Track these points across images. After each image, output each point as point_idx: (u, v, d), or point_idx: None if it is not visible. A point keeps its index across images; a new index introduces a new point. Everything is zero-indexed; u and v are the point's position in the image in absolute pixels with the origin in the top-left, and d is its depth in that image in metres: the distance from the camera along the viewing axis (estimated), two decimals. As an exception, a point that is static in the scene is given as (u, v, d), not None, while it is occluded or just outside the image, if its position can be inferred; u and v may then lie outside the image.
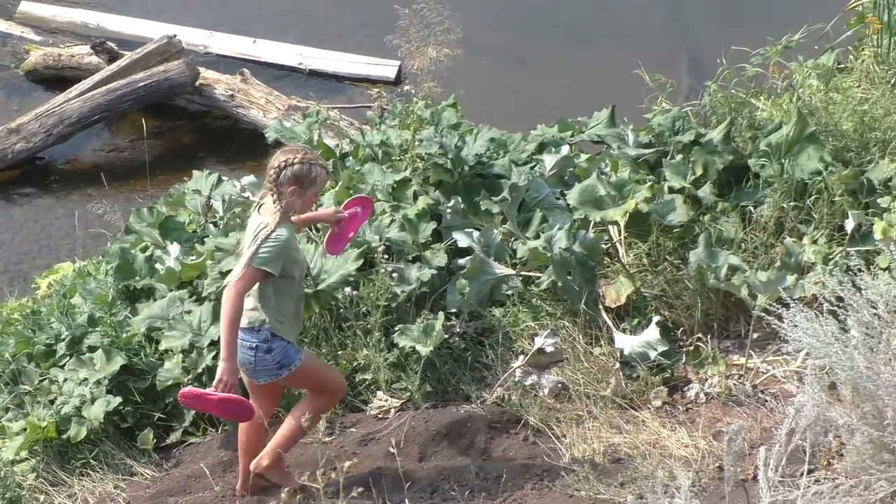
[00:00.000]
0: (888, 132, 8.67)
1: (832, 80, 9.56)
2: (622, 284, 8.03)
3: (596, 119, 9.40)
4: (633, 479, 6.60)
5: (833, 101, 9.00)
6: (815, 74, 9.53)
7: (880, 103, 8.91)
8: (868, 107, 8.89)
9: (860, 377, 5.15)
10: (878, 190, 8.13)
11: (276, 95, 12.33)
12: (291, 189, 6.32)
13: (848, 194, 8.14)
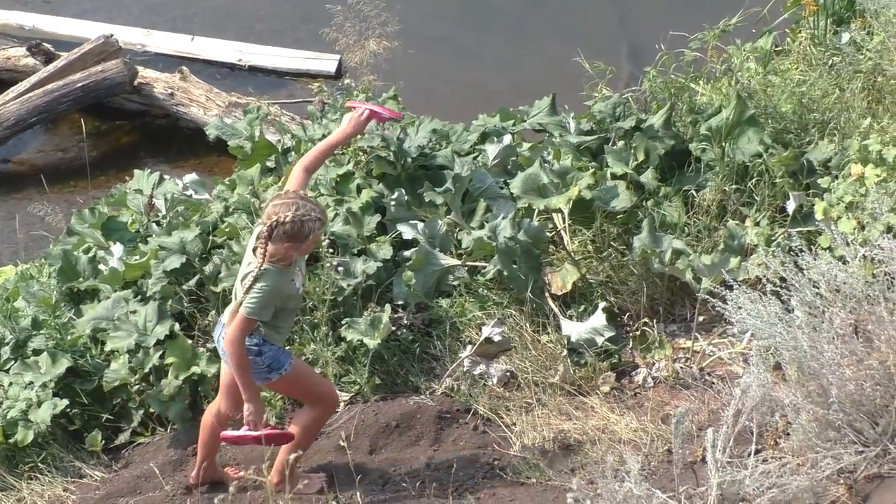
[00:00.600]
0: (826, 113, 8.74)
1: (770, 63, 9.63)
2: (568, 272, 8.07)
3: (537, 108, 9.41)
4: (583, 464, 6.64)
5: (771, 84, 9.06)
6: (753, 58, 9.59)
7: (818, 85, 8.97)
8: (806, 88, 8.96)
9: (804, 356, 5.20)
10: (818, 171, 8.21)
11: (216, 93, 12.25)
12: (287, 246, 6.22)
13: (788, 176, 8.21)
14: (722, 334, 7.69)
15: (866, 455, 5.09)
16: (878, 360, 5.30)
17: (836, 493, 5.06)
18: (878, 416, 5.16)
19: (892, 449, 5.08)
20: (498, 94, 11.18)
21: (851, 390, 5.15)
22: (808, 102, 8.83)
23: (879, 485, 5.00)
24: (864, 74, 8.89)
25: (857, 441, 5.15)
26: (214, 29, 13.63)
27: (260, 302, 6.20)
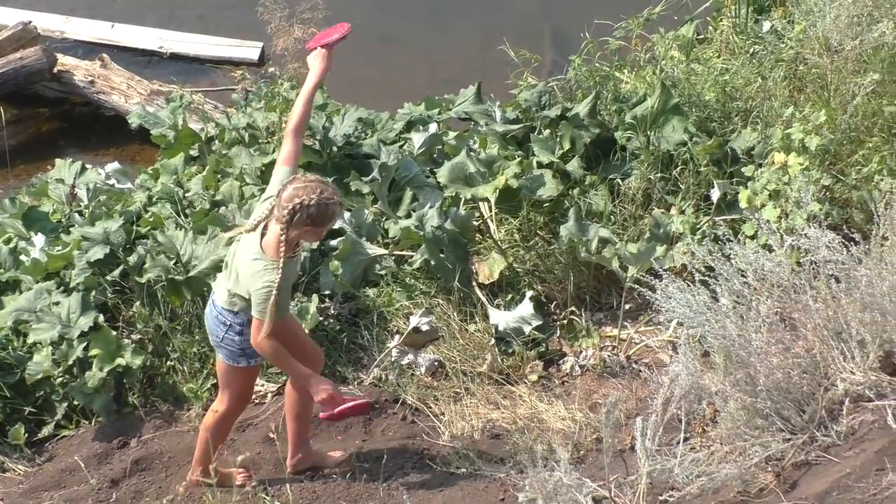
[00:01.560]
0: (749, 101, 8.82)
1: (692, 52, 9.69)
2: (495, 261, 8.08)
3: (463, 96, 9.42)
4: (512, 453, 6.64)
5: (695, 73, 9.14)
6: (676, 46, 9.66)
7: (740, 73, 9.05)
8: (729, 77, 9.04)
9: (733, 345, 5.25)
10: (741, 159, 8.29)
11: (137, 80, 12.08)
12: (307, 229, 6.00)
13: (713, 164, 8.28)
14: (648, 322, 7.74)
15: (794, 442, 5.14)
16: (804, 349, 5.37)
17: (764, 481, 5.10)
18: (805, 404, 5.22)
19: (818, 436, 5.13)
20: (423, 82, 11.15)
21: (779, 378, 5.20)
22: (731, 91, 8.91)
23: (807, 472, 5.05)
24: (785, 63, 8.97)
25: (785, 429, 5.20)
26: (134, 16, 13.43)
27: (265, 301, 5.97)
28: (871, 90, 8.20)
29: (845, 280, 5.35)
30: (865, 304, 5.18)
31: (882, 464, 4.81)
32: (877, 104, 8.27)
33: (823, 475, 4.97)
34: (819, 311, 5.39)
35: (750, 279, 5.49)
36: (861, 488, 4.76)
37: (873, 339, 5.20)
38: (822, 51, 8.56)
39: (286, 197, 5.93)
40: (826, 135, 7.99)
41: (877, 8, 8.14)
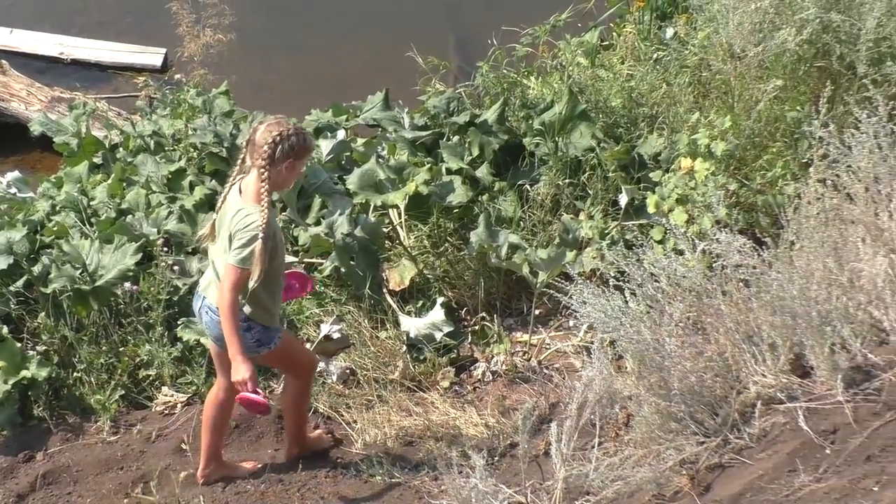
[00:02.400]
0: (655, 107, 8.92)
1: (597, 58, 9.77)
2: (405, 267, 8.08)
3: (370, 103, 9.42)
4: (426, 460, 6.65)
5: (601, 79, 9.21)
6: (581, 52, 9.73)
7: (646, 79, 9.14)
8: (635, 83, 9.13)
9: (647, 349, 5.28)
10: (648, 164, 8.37)
11: (38, 87, 11.91)
12: (288, 163, 5.88)
13: (620, 169, 8.35)
14: (558, 328, 7.79)
15: (707, 445, 5.18)
16: (716, 352, 5.41)
17: (678, 484, 5.14)
18: (718, 407, 5.26)
19: (731, 439, 5.18)
20: (329, 88, 11.11)
21: (692, 382, 5.24)
22: (637, 97, 9.00)
23: (720, 474, 5.10)
24: (690, 69, 9.07)
25: (699, 432, 5.24)
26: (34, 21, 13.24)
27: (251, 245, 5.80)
28: (774, 96, 8.31)
29: (756, 284, 5.41)
30: (776, 307, 5.24)
31: (794, 465, 4.87)
32: (779, 110, 8.38)
33: (737, 477, 5.02)
34: (731, 314, 5.44)
35: (663, 284, 5.54)
36: (773, 490, 4.81)
37: (784, 342, 5.26)
38: (726, 57, 8.67)
39: (261, 137, 5.84)
40: (731, 140, 8.09)
41: (778, 15, 8.25)
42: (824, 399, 5.09)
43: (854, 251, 5.72)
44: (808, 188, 6.10)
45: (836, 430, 4.95)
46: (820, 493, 4.66)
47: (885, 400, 4.96)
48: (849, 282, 5.47)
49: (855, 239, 5.79)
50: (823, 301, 5.24)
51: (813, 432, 4.94)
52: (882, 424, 4.86)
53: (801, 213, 5.83)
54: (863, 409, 4.97)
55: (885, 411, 4.91)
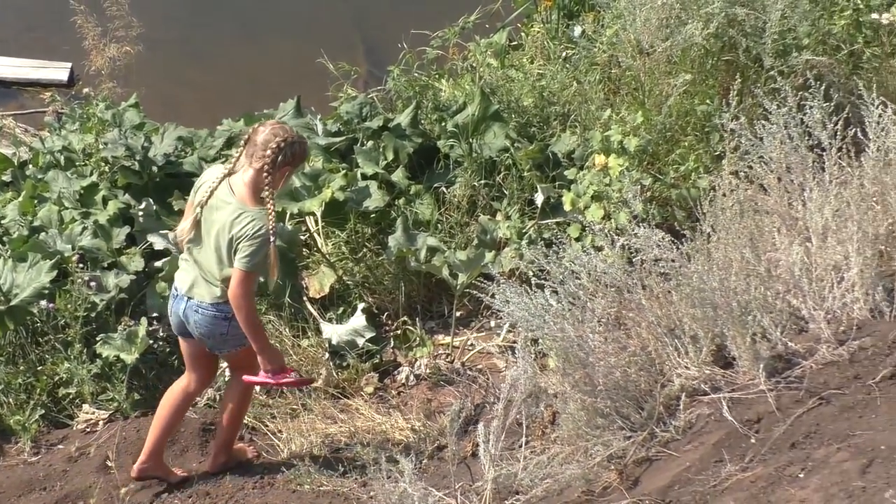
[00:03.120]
0: (567, 105, 8.95)
1: (507, 58, 9.79)
2: (324, 274, 8.05)
3: (282, 110, 9.33)
4: (353, 466, 6.60)
5: (512, 79, 9.23)
6: (491, 53, 9.74)
7: (556, 78, 9.18)
8: (545, 82, 9.15)
9: (571, 346, 5.28)
10: (563, 162, 8.41)
11: (-59, 107, 11.74)
12: (284, 170, 5.98)
13: (535, 169, 8.38)
14: (480, 328, 7.79)
15: (634, 440, 5.20)
16: (639, 347, 5.44)
17: (607, 479, 5.15)
18: (643, 401, 5.29)
19: (658, 432, 5.20)
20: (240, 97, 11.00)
21: (617, 377, 5.26)
22: (548, 95, 9.03)
23: (648, 468, 5.11)
24: (599, 66, 9.12)
25: (625, 426, 5.26)
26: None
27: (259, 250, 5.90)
28: (684, 90, 8.38)
29: (675, 277, 5.44)
30: (696, 299, 5.27)
31: (720, 455, 4.90)
32: (690, 104, 8.46)
33: (664, 470, 5.04)
34: (652, 308, 5.47)
35: (584, 280, 5.55)
36: (701, 480, 4.83)
37: (705, 333, 5.30)
38: (635, 53, 8.73)
39: (263, 140, 5.90)
40: (643, 135, 8.15)
41: (684, 10, 8.32)
42: (747, 389, 5.13)
43: (770, 241, 5.79)
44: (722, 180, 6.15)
45: (759, 419, 4.99)
46: (746, 482, 4.69)
47: (807, 387, 5.01)
48: (766, 271, 5.53)
49: (770, 229, 5.86)
50: (742, 292, 5.28)
51: (737, 422, 4.97)
52: (805, 411, 4.91)
53: (717, 206, 5.88)
54: (785, 397, 5.02)
55: (808, 398, 4.96)
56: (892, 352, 5.07)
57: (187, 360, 6.60)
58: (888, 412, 4.77)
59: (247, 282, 5.93)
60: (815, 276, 5.50)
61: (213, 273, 6.09)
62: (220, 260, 6.03)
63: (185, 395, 6.63)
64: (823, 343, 5.20)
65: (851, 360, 5.10)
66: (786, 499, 4.48)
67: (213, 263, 6.05)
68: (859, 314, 5.37)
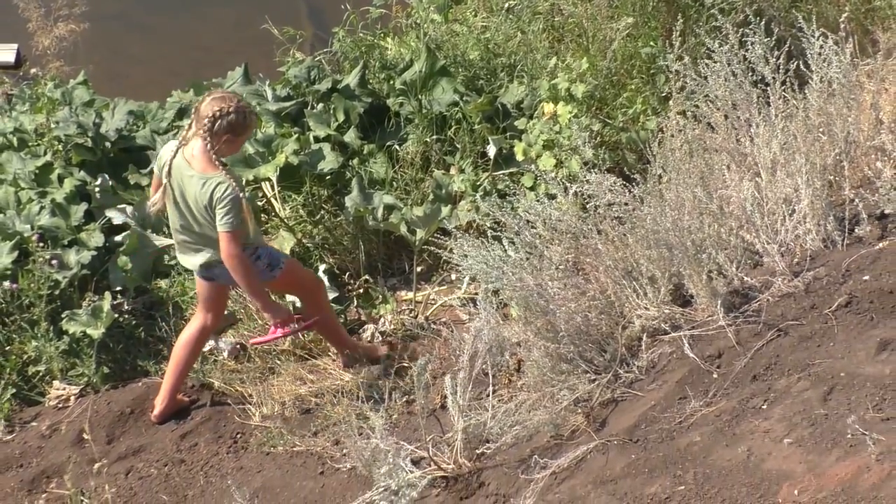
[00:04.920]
0: (512, 56, 8.92)
1: (450, 13, 9.74)
2: (284, 238, 8.01)
3: (231, 78, 9.25)
4: (325, 426, 6.60)
5: (456, 33, 9.19)
6: (434, 9, 9.68)
7: (501, 29, 9.14)
8: (490, 34, 9.12)
9: (531, 295, 5.30)
10: (512, 113, 8.38)
11: None
12: (226, 137, 6.09)
13: (486, 121, 8.36)
14: (442, 282, 7.79)
15: (599, 382, 5.23)
16: (599, 291, 5.46)
17: (575, 423, 5.17)
18: (606, 344, 5.31)
19: (622, 373, 5.23)
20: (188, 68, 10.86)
21: (578, 322, 5.28)
22: (493, 48, 9.00)
23: (614, 409, 5.14)
24: (542, 16, 9.09)
25: (589, 370, 5.28)
26: None
27: (237, 212, 6.07)
28: (627, 34, 8.38)
29: (629, 220, 5.46)
30: (651, 241, 5.29)
31: (684, 392, 4.94)
32: (633, 47, 8.47)
33: (630, 410, 5.07)
34: (608, 252, 5.49)
35: (540, 229, 5.55)
36: (666, 418, 4.87)
37: (662, 274, 5.33)
38: (576, 0, 8.71)
39: (204, 110, 6.06)
40: (590, 81, 8.14)
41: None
42: (707, 325, 5.17)
43: (720, 178, 5.81)
44: (670, 121, 6.17)
45: (721, 355, 5.02)
46: (711, 417, 4.73)
47: (765, 320, 5.05)
48: (719, 209, 5.56)
49: (720, 166, 5.88)
50: (696, 230, 5.31)
51: (699, 359, 5.01)
52: (764, 344, 4.95)
53: (666, 147, 5.90)
54: (744, 332, 5.06)
55: (766, 331, 5.00)
56: (847, 280, 5.12)
57: (204, 302, 6.81)
58: (845, 340, 4.81)
59: (234, 241, 6.11)
60: (766, 210, 5.54)
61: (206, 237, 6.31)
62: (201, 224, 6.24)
63: (202, 332, 6.89)
64: (779, 276, 5.24)
65: (807, 290, 5.14)
66: (750, 430, 4.53)
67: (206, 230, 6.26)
68: (812, 245, 5.41)
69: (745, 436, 4.51)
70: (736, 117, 6.04)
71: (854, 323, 4.88)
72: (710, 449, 4.54)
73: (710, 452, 4.52)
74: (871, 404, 4.35)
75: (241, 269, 6.18)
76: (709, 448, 4.55)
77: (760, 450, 4.38)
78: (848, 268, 5.15)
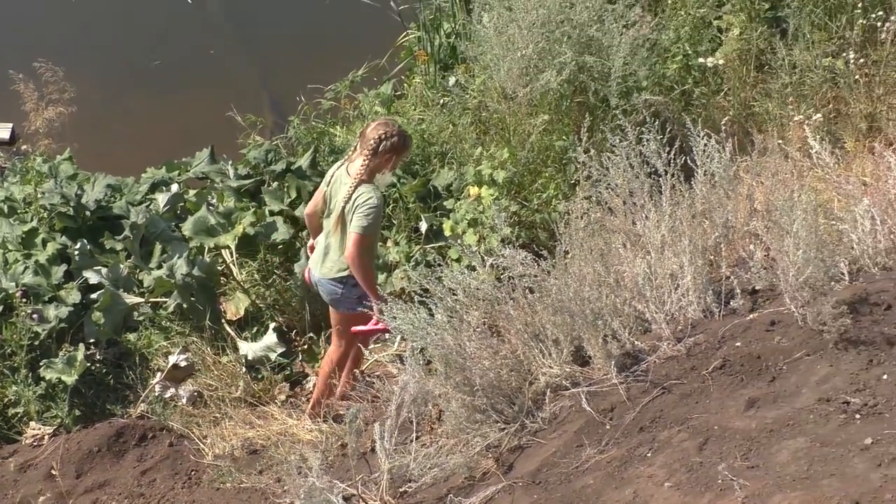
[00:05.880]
0: (444, 145, 8.99)
1: (393, 106, 9.80)
2: (240, 299, 7.98)
3: (198, 158, 9.26)
4: (269, 465, 6.55)
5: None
6: (378, 102, 9.74)
7: (435, 122, 9.20)
8: (425, 126, 9.18)
9: (451, 353, 5.29)
10: (442, 194, 8.43)
11: None
12: (388, 156, 6.42)
13: (419, 201, 8.39)
14: (377, 340, 7.76)
15: (508, 431, 5.21)
16: (510, 351, 5.46)
17: (486, 466, 5.15)
18: (515, 398, 5.30)
19: (528, 423, 5.22)
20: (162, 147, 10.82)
21: (491, 378, 5.27)
22: (428, 137, 9.05)
23: (520, 454, 5.13)
24: (471, 111, 9.17)
25: (500, 420, 5.27)
26: None
27: (375, 219, 6.40)
28: (543, 129, 8.46)
29: (538, 290, 5.47)
30: (556, 308, 5.30)
31: (581, 441, 4.94)
32: (548, 140, 8.54)
33: (534, 456, 5.06)
34: (519, 317, 5.49)
35: (461, 296, 5.56)
36: (565, 463, 4.86)
37: (565, 337, 5.33)
38: (500, 98, 8.80)
39: (370, 133, 6.43)
40: (510, 168, 8.20)
41: (541, 60, 8.40)
42: (602, 383, 5.18)
43: (617, 256, 5.85)
44: (577, 205, 6.21)
45: (613, 409, 5.03)
46: (603, 463, 4.73)
47: (652, 379, 5.07)
48: (615, 282, 5.59)
49: (617, 245, 5.92)
50: (595, 300, 5.33)
51: (594, 412, 5.02)
52: (650, 400, 4.97)
53: (572, 227, 5.93)
54: (634, 389, 5.07)
55: (652, 389, 5.02)
56: (722, 346, 5.15)
57: (334, 330, 7.01)
58: (719, 397, 4.85)
59: (362, 243, 6.35)
60: (655, 283, 5.56)
61: (333, 241, 6.59)
62: (344, 226, 6.47)
63: (330, 362, 7.01)
64: (664, 341, 5.27)
65: (688, 354, 5.17)
66: (636, 475, 4.53)
67: (334, 231, 6.54)
68: (693, 315, 5.45)
69: (632, 480, 4.52)
70: (632, 203, 6.08)
71: (727, 383, 4.92)
72: (601, 491, 4.54)
73: (601, 494, 4.52)
74: (739, 454, 4.37)
75: (360, 267, 6.38)
76: (600, 490, 4.55)
77: (645, 492, 4.39)
78: (723, 335, 5.19)
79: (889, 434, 4.22)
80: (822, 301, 4.93)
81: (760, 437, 4.45)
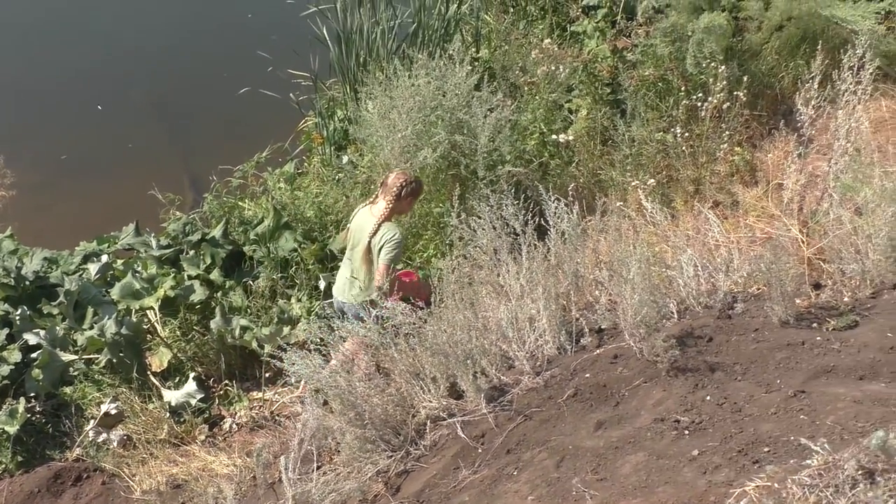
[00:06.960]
0: (338, 214, 8.95)
1: (295, 182, 9.76)
2: (163, 353, 7.83)
3: (125, 232, 9.10)
4: (190, 498, 6.40)
5: (298, 197, 9.20)
6: (282, 179, 9.69)
7: (331, 195, 9.18)
8: (322, 198, 9.15)
9: (344, 393, 5.26)
10: (338, 256, 8.38)
11: None
12: (408, 200, 6.88)
13: (318, 262, 8.35)
14: (284, 385, 7.68)
15: (395, 458, 5.18)
16: (395, 389, 5.44)
17: (376, 489, 5.11)
18: (400, 429, 5.28)
19: (412, 451, 5.19)
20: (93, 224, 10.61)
21: (379, 413, 5.25)
22: (325, 208, 9.01)
23: (406, 478, 5.10)
24: (361, 184, 9.17)
25: (388, 448, 5.24)
26: None
27: (398, 252, 6.76)
28: (423, 198, 8.48)
29: (417, 335, 5.48)
30: (433, 351, 5.31)
31: (457, 464, 4.92)
32: (428, 207, 8.57)
33: (418, 479, 5.03)
34: (402, 360, 5.48)
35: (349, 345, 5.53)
36: (444, 483, 4.85)
37: (441, 375, 5.34)
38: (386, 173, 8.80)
39: (392, 181, 6.81)
40: (395, 233, 8.19)
41: (419, 139, 8.44)
42: (474, 413, 5.18)
43: (484, 304, 5.88)
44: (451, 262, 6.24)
45: (484, 435, 5.03)
46: (477, 482, 4.72)
47: (516, 408, 5.09)
48: (483, 326, 5.62)
49: (484, 295, 5.95)
50: (466, 342, 5.34)
51: (468, 438, 5.02)
52: (515, 426, 4.98)
53: (446, 281, 5.95)
54: (501, 417, 5.08)
55: (517, 416, 5.04)
56: (574, 377, 5.20)
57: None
58: (573, 421, 4.88)
59: (387, 271, 6.73)
60: (517, 326, 5.60)
61: (359, 270, 6.86)
62: (371, 260, 6.80)
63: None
64: (526, 375, 5.30)
65: (546, 385, 5.20)
66: (504, 491, 4.53)
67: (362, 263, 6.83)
68: (549, 352, 5.49)
69: (501, 495, 4.52)
70: (496, 259, 6.14)
71: (579, 409, 4.96)
72: (475, 506, 4.54)
73: (475, 509, 4.52)
74: (590, 469, 4.40)
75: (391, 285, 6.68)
76: (474, 506, 4.55)
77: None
78: (575, 368, 5.24)
79: (712, 446, 4.29)
80: (655, 336, 5.01)
81: (607, 453, 4.49)
